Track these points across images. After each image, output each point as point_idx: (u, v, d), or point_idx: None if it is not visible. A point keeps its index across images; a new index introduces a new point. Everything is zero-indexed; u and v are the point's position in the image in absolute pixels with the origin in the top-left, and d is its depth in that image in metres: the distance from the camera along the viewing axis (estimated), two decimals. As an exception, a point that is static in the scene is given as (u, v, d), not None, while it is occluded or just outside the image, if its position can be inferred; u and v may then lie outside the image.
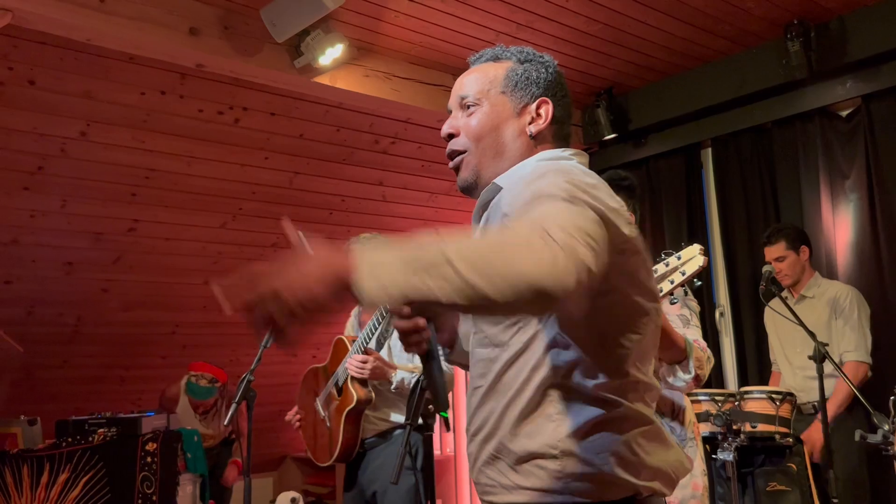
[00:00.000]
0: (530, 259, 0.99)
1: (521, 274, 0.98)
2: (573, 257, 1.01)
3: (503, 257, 1.00)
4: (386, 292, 1.00)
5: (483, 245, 1.04)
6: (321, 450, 3.23)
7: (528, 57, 1.47)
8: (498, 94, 1.43)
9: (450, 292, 0.98)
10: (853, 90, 4.05)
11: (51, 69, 3.42)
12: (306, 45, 3.60)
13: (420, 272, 0.99)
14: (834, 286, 3.74)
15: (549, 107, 1.42)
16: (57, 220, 3.98)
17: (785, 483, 3.43)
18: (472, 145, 1.42)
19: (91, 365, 4.76)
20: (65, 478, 3.34)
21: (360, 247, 1.06)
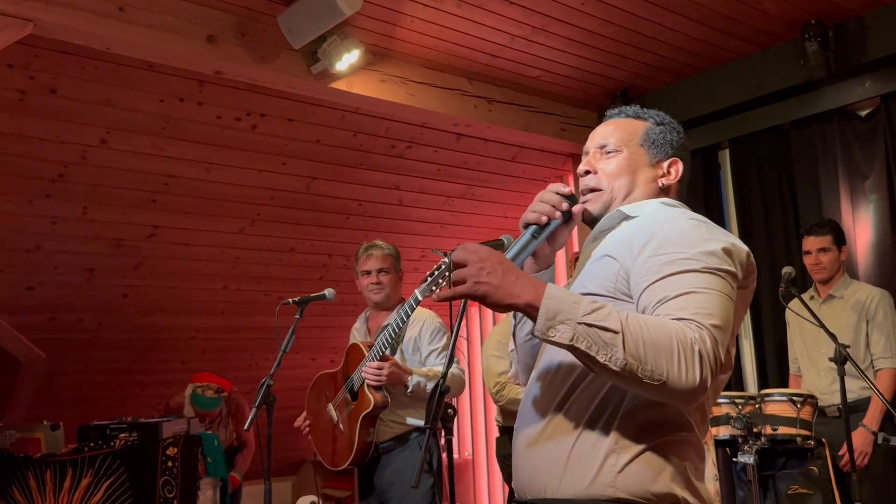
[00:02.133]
0: (681, 372, 1.20)
1: (666, 380, 1.20)
2: (711, 368, 1.21)
3: (661, 356, 1.20)
4: (548, 334, 1.23)
5: (650, 335, 1.21)
6: (335, 454, 3.25)
7: (663, 120, 1.65)
8: (636, 145, 1.60)
9: (610, 360, 1.20)
10: (872, 90, 4.01)
11: (71, 78, 3.47)
12: (323, 51, 3.62)
13: (593, 332, 1.21)
14: (863, 288, 3.65)
15: (680, 166, 1.60)
16: (78, 226, 4.03)
17: (807, 486, 3.40)
18: (608, 184, 1.57)
19: (112, 370, 4.80)
20: (87, 482, 3.37)
21: (553, 287, 1.28)
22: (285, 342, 3.04)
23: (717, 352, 1.22)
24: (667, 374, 1.19)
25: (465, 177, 5.04)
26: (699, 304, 1.26)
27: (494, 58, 4.18)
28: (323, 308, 4.71)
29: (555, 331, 1.23)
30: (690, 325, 1.22)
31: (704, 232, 1.38)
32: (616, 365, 1.20)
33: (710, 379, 1.20)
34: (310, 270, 4.99)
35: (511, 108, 4.58)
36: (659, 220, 1.43)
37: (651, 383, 1.20)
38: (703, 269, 1.31)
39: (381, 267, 3.35)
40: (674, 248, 1.34)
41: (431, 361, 3.24)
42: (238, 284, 4.80)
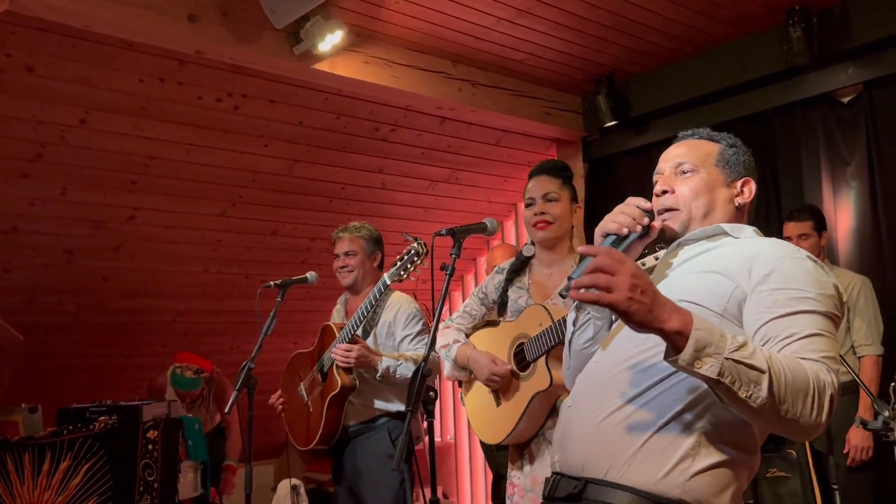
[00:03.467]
0: (813, 414, 1.26)
1: (799, 419, 1.26)
2: (833, 410, 1.28)
3: (799, 398, 1.25)
4: (691, 364, 1.23)
5: (791, 376, 1.26)
6: (302, 433, 3.25)
7: (735, 142, 1.70)
8: (712, 165, 1.64)
9: (751, 397, 1.23)
10: (855, 76, 4.03)
11: (49, 56, 3.41)
12: (306, 32, 3.58)
13: (737, 369, 1.22)
14: (844, 275, 3.66)
15: (753, 186, 1.66)
16: (56, 207, 3.98)
17: (785, 469, 3.44)
18: (685, 204, 1.62)
19: (92, 353, 4.76)
20: (66, 465, 3.34)
21: (700, 317, 1.27)
22: (267, 325, 3.02)
23: (837, 396, 1.29)
24: (800, 414, 1.25)
25: (449, 161, 5.03)
26: (825, 347, 1.33)
27: (479, 41, 4.15)
28: (306, 291, 4.71)
29: (701, 363, 1.22)
30: (822, 368, 1.29)
31: (822, 274, 1.44)
32: (756, 403, 1.23)
33: (826, 424, 1.28)
34: (292, 254, 4.96)
35: (495, 91, 4.56)
36: (778, 254, 1.46)
37: (782, 421, 1.26)
38: (825, 313, 1.38)
39: (347, 250, 3.31)
40: (801, 286, 1.39)
41: (405, 346, 3.20)
42: (219, 267, 4.77)
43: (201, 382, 4.36)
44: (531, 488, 2.48)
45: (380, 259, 3.36)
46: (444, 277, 2.34)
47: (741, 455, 1.40)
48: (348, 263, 3.31)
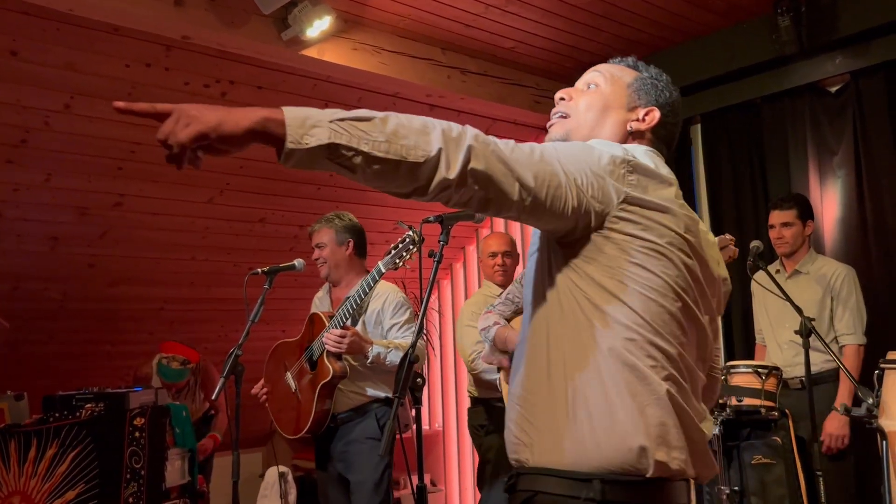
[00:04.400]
0: (431, 139, 1.19)
1: (429, 152, 1.18)
2: (469, 151, 1.20)
3: (420, 134, 1.18)
4: (306, 140, 1.15)
5: (407, 120, 1.20)
6: (291, 422, 3.26)
7: (659, 78, 1.62)
8: (622, 87, 1.59)
9: (373, 146, 1.15)
10: (842, 66, 4.04)
11: (33, 40, 3.37)
12: (293, 17, 3.56)
13: (347, 124, 1.15)
14: (829, 264, 3.70)
15: (656, 114, 1.56)
16: (41, 194, 3.94)
17: (770, 456, 3.47)
18: (576, 113, 1.57)
19: (78, 340, 4.73)
20: (52, 453, 3.33)
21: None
22: (254, 312, 3.02)
23: (478, 143, 1.22)
24: (426, 147, 1.18)
25: (437, 148, 5.01)
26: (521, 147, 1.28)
27: (468, 28, 4.14)
28: (294, 279, 4.70)
29: (310, 137, 1.15)
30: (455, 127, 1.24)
31: (590, 146, 1.38)
32: (380, 150, 1.16)
33: (463, 163, 1.20)
34: (280, 241, 4.95)
35: (485, 79, 4.55)
36: None
37: (416, 161, 1.18)
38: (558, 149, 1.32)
39: (317, 242, 3.37)
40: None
41: (393, 335, 3.25)
42: (207, 255, 4.75)
43: (187, 373, 4.35)
44: None
45: (352, 246, 3.35)
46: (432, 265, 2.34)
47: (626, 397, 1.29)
48: (320, 255, 3.36)
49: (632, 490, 1.27)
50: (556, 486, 1.30)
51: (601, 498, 1.26)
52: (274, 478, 5.21)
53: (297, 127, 1.15)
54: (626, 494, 1.27)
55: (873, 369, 2.96)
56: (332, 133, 1.15)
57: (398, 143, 1.16)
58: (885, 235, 3.90)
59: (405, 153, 1.16)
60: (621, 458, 1.27)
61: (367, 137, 1.15)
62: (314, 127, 1.15)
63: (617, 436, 1.27)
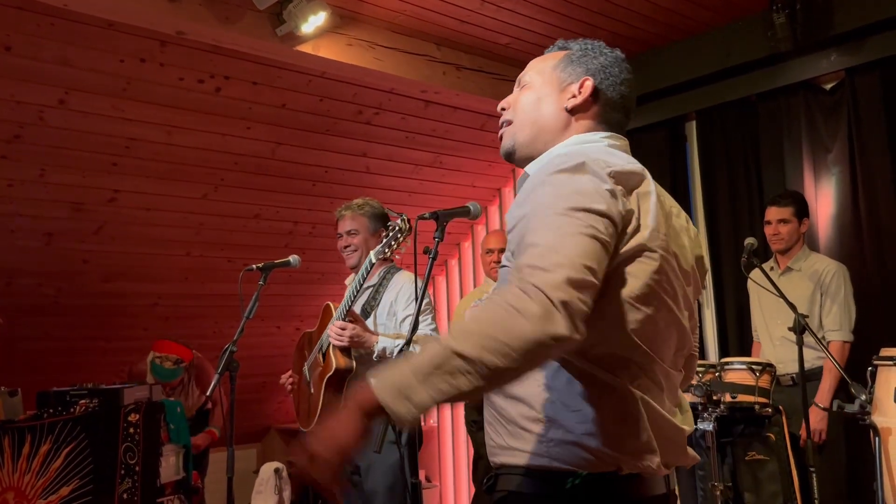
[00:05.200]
0: (525, 322, 1.06)
1: (522, 337, 1.06)
2: (555, 298, 1.07)
3: (502, 328, 1.07)
4: (416, 409, 1.11)
5: (482, 322, 1.10)
6: (304, 415, 3.23)
7: (588, 47, 1.53)
8: (549, 73, 1.51)
9: (470, 381, 1.08)
10: (837, 63, 4.05)
11: (27, 35, 3.35)
12: (288, 13, 3.55)
13: (437, 377, 1.09)
14: (821, 261, 3.71)
15: (590, 83, 1.46)
16: (35, 189, 3.93)
17: (763, 452, 3.48)
18: (516, 116, 1.51)
19: (72, 336, 4.72)
20: (46, 449, 3.32)
21: (376, 377, 1.16)
22: (249, 309, 3.01)
23: (566, 291, 1.08)
24: (530, 339, 1.07)
25: (433, 145, 5.01)
26: (541, 247, 1.14)
27: (463, 24, 4.13)
28: (289, 276, 4.70)
29: (412, 405, 1.11)
30: (509, 287, 1.11)
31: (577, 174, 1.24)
32: (485, 376, 1.08)
33: (570, 317, 1.08)
34: (275, 237, 4.94)
35: (480, 75, 4.54)
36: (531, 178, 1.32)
37: (528, 359, 1.09)
38: (555, 214, 1.19)
39: (350, 228, 3.22)
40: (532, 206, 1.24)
41: (405, 327, 3.10)
42: (201, 251, 4.74)
43: (181, 372, 4.35)
44: None
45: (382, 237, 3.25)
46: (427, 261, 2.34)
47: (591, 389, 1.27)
48: (351, 242, 3.20)
49: (606, 485, 1.27)
50: (531, 485, 1.30)
51: (575, 494, 1.26)
52: (269, 474, 5.21)
53: (394, 403, 1.12)
54: (600, 490, 1.27)
55: (864, 366, 2.98)
56: (431, 396, 1.11)
57: (491, 347, 1.07)
58: (879, 233, 3.91)
59: (507, 355, 1.08)
60: (595, 461, 1.27)
61: (468, 372, 1.08)
62: (413, 392, 1.11)
63: (591, 440, 1.26)
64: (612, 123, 1.48)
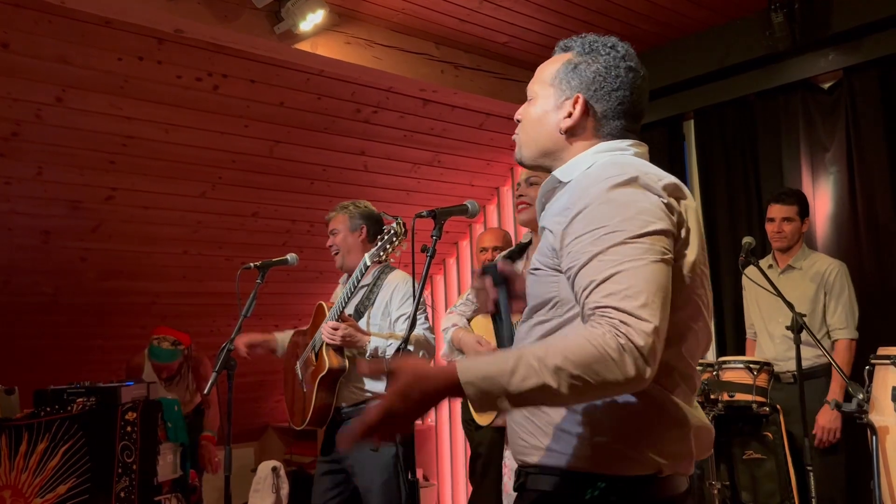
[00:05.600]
0: (613, 373, 1.14)
1: (611, 385, 1.16)
2: (646, 353, 1.15)
3: (591, 370, 1.15)
4: (499, 403, 1.20)
5: (576, 356, 1.15)
6: (296, 413, 3.24)
7: (588, 49, 1.49)
8: (547, 87, 1.50)
9: (557, 402, 1.23)
10: (835, 63, 4.05)
11: (24, 33, 3.35)
12: (286, 11, 3.55)
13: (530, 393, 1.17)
14: (822, 260, 3.71)
15: (581, 103, 1.44)
16: (33, 187, 3.92)
17: (761, 451, 3.48)
18: (522, 133, 1.54)
19: (70, 335, 4.72)
20: (43, 447, 3.32)
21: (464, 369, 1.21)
22: (246, 307, 3.01)
23: (644, 340, 1.15)
24: (606, 381, 1.15)
25: (431, 143, 5.01)
26: (623, 284, 1.19)
27: (462, 22, 4.13)
28: (287, 274, 4.70)
29: (499, 404, 1.20)
30: (608, 325, 1.16)
31: (630, 194, 1.27)
32: (565, 400, 1.20)
33: (646, 364, 1.15)
34: (273, 236, 4.94)
35: (478, 74, 4.54)
36: (582, 186, 1.33)
37: (600, 393, 1.20)
38: (627, 240, 1.22)
39: (331, 229, 3.26)
40: (600, 222, 1.25)
41: (399, 327, 3.13)
42: (199, 249, 4.74)
43: (179, 354, 4.31)
44: None
45: (365, 233, 3.22)
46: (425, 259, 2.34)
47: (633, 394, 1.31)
48: (333, 243, 3.24)
49: (635, 487, 1.30)
50: (562, 485, 1.33)
51: (606, 496, 1.29)
52: (266, 472, 5.21)
53: (484, 403, 1.21)
54: (629, 491, 1.30)
55: (861, 365, 2.98)
56: (518, 404, 1.22)
57: (575, 383, 1.16)
58: (877, 232, 3.91)
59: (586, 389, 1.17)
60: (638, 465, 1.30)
61: (552, 394, 1.17)
62: (499, 399, 1.19)
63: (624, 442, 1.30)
64: (616, 134, 1.46)
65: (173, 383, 4.39)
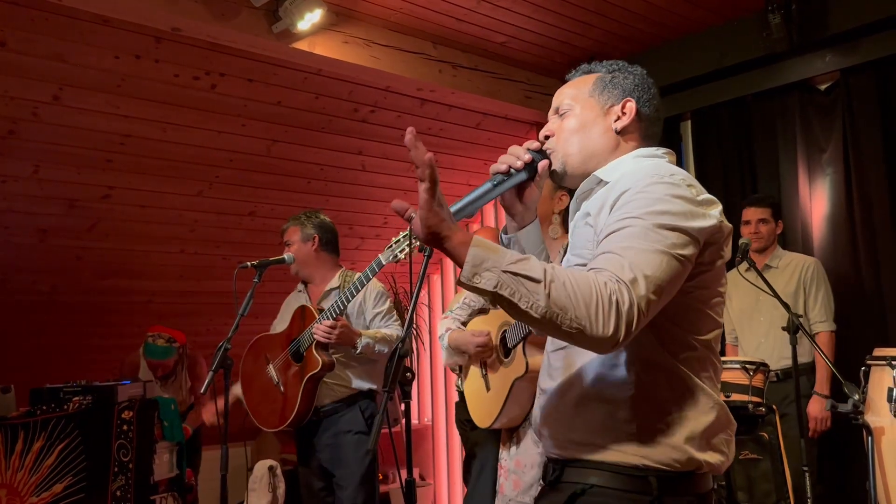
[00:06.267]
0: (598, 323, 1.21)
1: (585, 328, 1.22)
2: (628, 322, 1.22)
3: (581, 306, 1.21)
4: (479, 276, 1.26)
5: (572, 286, 1.23)
6: (273, 415, 3.28)
7: (615, 67, 1.62)
8: (587, 98, 1.59)
9: (532, 307, 1.23)
10: (832, 64, 4.06)
11: (22, 31, 3.34)
12: (284, 10, 3.54)
13: (520, 279, 1.23)
14: (797, 257, 3.84)
15: (633, 104, 1.55)
16: (30, 186, 3.91)
17: (757, 452, 3.49)
18: (563, 143, 1.58)
19: (66, 333, 4.71)
20: (39, 446, 3.32)
21: (479, 238, 1.29)
22: (243, 306, 3.02)
23: (636, 307, 1.23)
24: (586, 324, 1.21)
25: (429, 143, 4.97)
26: (620, 264, 1.26)
27: (460, 22, 4.13)
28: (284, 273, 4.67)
29: (480, 277, 1.25)
30: (610, 278, 1.24)
31: (670, 189, 1.36)
32: (537, 312, 1.23)
33: (623, 332, 1.22)
34: (270, 235, 4.92)
35: (476, 73, 4.54)
36: (634, 178, 1.41)
37: (569, 331, 1.23)
38: (647, 227, 1.30)
39: (285, 240, 3.47)
40: (633, 207, 1.34)
41: (377, 324, 3.34)
42: (196, 248, 4.73)
43: (174, 352, 4.32)
44: (514, 470, 2.53)
45: (317, 242, 3.41)
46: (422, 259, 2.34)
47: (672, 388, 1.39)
48: (288, 253, 3.43)
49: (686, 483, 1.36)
50: (610, 480, 1.37)
51: (657, 493, 1.34)
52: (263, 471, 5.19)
53: (473, 266, 1.26)
54: (681, 488, 1.36)
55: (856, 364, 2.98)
56: (499, 283, 1.24)
57: (554, 311, 1.22)
58: (873, 233, 3.92)
59: (559, 321, 1.22)
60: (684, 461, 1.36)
61: (529, 299, 1.23)
62: (487, 271, 1.25)
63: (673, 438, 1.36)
64: (653, 138, 1.59)
65: (168, 382, 4.38)
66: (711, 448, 1.39)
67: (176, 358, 4.38)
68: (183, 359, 4.46)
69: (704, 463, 1.37)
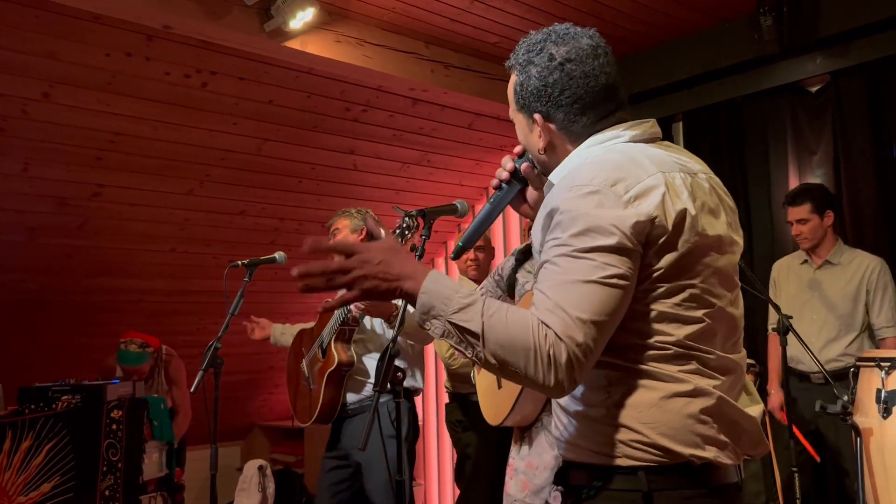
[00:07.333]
0: (537, 376, 1.21)
1: (529, 378, 1.23)
2: (569, 373, 1.21)
3: (520, 358, 1.22)
4: (430, 323, 1.28)
5: (512, 337, 1.22)
6: (302, 410, 3.26)
7: (523, 62, 1.47)
8: (516, 113, 1.51)
9: (475, 356, 1.25)
10: (823, 66, 4.08)
11: (11, 27, 3.32)
12: (276, 8, 3.54)
13: (461, 331, 1.25)
14: (862, 256, 3.62)
15: (540, 118, 1.45)
16: (19, 183, 3.89)
17: (746, 452, 3.49)
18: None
19: (55, 332, 4.68)
20: (27, 445, 3.30)
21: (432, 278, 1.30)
22: (233, 305, 3.00)
23: (574, 357, 1.20)
24: (528, 374, 1.22)
25: (421, 143, 5.00)
26: (561, 301, 1.23)
27: (453, 22, 4.13)
28: (275, 273, 4.66)
29: (430, 324, 1.28)
30: (547, 327, 1.22)
31: (593, 198, 1.27)
32: (482, 362, 1.26)
33: (567, 382, 1.21)
34: (261, 234, 4.92)
35: (468, 74, 4.54)
36: (554, 192, 1.35)
37: (516, 380, 1.25)
38: (572, 254, 1.25)
39: (334, 229, 3.35)
40: (557, 230, 1.29)
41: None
42: (186, 247, 4.71)
43: (147, 357, 4.27)
44: (524, 471, 2.49)
45: (365, 235, 3.33)
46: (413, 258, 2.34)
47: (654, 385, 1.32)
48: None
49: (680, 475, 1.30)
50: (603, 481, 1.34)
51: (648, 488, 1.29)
52: (252, 471, 5.18)
53: (423, 314, 1.28)
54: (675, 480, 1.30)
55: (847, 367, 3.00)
56: (445, 332, 1.27)
57: (495, 362, 1.24)
58: (863, 235, 3.94)
59: (504, 372, 1.25)
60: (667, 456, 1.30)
61: (472, 349, 1.25)
62: (435, 318, 1.27)
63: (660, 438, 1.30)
64: (589, 132, 1.43)
65: (146, 386, 4.35)
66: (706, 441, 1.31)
67: (151, 363, 4.35)
68: (159, 363, 4.43)
69: (695, 457, 1.30)
